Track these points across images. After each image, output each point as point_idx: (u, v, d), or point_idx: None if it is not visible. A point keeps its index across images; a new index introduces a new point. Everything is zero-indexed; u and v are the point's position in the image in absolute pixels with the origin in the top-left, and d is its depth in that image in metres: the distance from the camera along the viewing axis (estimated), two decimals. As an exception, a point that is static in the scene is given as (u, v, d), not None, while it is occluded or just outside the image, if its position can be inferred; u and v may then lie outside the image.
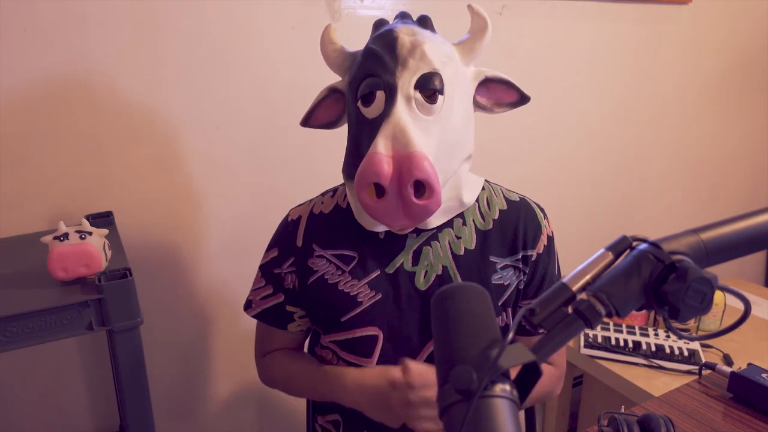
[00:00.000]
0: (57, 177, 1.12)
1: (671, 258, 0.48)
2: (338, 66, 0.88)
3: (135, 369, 0.87)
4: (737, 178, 2.28)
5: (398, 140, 0.75)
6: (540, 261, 0.93)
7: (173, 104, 1.19)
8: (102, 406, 1.28)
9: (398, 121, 0.76)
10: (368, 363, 0.90)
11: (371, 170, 0.74)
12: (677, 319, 0.48)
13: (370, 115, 0.80)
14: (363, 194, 0.76)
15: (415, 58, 0.79)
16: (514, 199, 0.95)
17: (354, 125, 0.83)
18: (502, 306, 0.92)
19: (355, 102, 0.81)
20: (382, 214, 0.77)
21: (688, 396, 1.02)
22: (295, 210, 0.96)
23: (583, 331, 0.51)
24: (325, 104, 0.89)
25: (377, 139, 0.76)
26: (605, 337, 1.56)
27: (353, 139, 0.83)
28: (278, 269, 0.94)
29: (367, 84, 0.79)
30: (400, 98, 0.77)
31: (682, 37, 1.87)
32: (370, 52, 0.81)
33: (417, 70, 0.78)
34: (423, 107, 0.78)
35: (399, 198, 0.75)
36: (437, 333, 0.49)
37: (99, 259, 0.85)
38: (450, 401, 0.43)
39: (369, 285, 0.89)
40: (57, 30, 1.05)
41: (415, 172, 0.73)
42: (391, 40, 0.80)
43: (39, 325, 0.80)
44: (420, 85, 0.78)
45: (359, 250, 0.90)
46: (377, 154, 0.74)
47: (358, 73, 0.81)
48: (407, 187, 0.74)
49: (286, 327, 0.97)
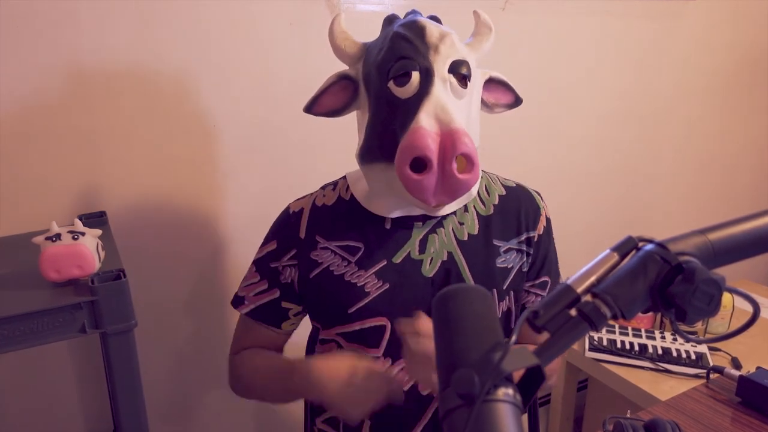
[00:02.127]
0: (49, 176, 1.12)
1: (678, 259, 0.48)
2: (349, 56, 0.89)
3: (129, 372, 0.87)
4: (744, 177, 2.28)
5: (440, 117, 0.78)
6: (541, 242, 0.99)
7: (168, 102, 1.19)
8: (95, 410, 1.28)
9: (438, 99, 0.79)
10: (375, 353, 0.91)
11: (418, 144, 0.76)
12: (684, 322, 0.48)
13: (403, 95, 0.82)
14: (405, 168, 0.78)
15: (446, 45, 0.83)
16: (511, 185, 1.01)
17: (383, 106, 0.84)
18: (506, 290, 0.95)
19: (385, 83, 0.83)
20: (424, 189, 0.79)
21: (696, 400, 1.02)
22: (296, 203, 0.97)
23: (587, 334, 0.51)
24: (332, 90, 0.90)
25: (420, 115, 0.78)
26: (610, 340, 1.56)
27: (380, 121, 0.85)
28: (276, 263, 0.95)
29: (401, 65, 0.81)
30: (437, 79, 0.81)
31: (689, 34, 1.87)
32: (401, 36, 0.83)
33: (448, 56, 0.82)
34: (456, 91, 0.83)
35: (441, 173, 0.78)
36: (438, 335, 0.49)
37: (92, 260, 0.85)
38: (451, 406, 0.43)
39: (376, 275, 0.91)
40: (50, 27, 1.05)
41: (459, 146, 0.76)
42: (420, 28, 0.84)
43: (30, 327, 0.80)
44: (452, 70, 0.82)
45: (365, 241, 0.92)
46: (422, 128, 0.77)
47: (389, 55, 0.83)
48: (451, 162, 0.76)
49: (280, 325, 0.97)
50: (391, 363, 0.92)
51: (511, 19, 1.52)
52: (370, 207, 0.91)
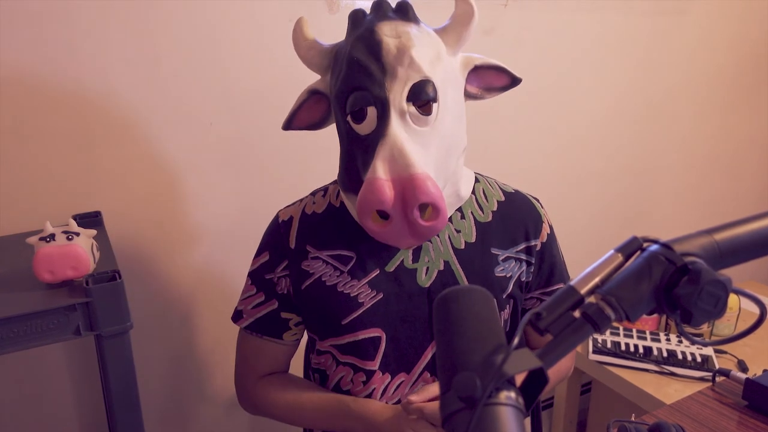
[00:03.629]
0: (43, 175, 1.12)
1: (683, 260, 0.48)
2: (316, 65, 0.86)
3: (124, 375, 0.87)
4: (748, 175, 2.27)
5: (397, 162, 0.74)
6: (545, 251, 0.96)
7: (164, 101, 1.19)
8: (90, 413, 1.28)
9: (395, 142, 0.75)
10: (370, 366, 0.90)
11: (374, 198, 0.74)
12: (690, 324, 0.48)
13: (362, 131, 0.79)
14: (367, 221, 0.77)
15: (404, 65, 0.76)
16: (510, 190, 0.98)
17: (345, 139, 0.83)
18: (505, 299, 0.93)
19: (344, 116, 0.80)
20: (389, 238, 0.79)
21: (701, 404, 1.02)
22: (284, 211, 0.95)
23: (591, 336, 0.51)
24: (307, 106, 0.88)
25: (375, 163, 0.75)
26: (615, 343, 1.56)
27: (346, 153, 0.83)
28: (270, 274, 0.93)
29: (355, 99, 0.77)
30: (393, 114, 0.76)
31: (692, 30, 1.87)
32: (354, 62, 0.78)
33: (407, 80, 0.76)
34: (418, 120, 0.77)
35: (404, 220, 0.76)
36: (439, 338, 0.48)
37: (87, 261, 0.85)
38: (453, 409, 0.43)
39: (369, 285, 0.89)
40: (43, 26, 1.05)
41: (420, 195, 0.73)
42: (375, 46, 0.77)
43: (24, 330, 0.80)
44: (412, 97, 0.77)
45: (356, 250, 0.90)
46: (378, 180, 0.74)
47: (345, 85, 0.79)
48: (413, 211, 0.75)
49: (281, 336, 0.96)
50: (390, 378, 0.91)
51: (513, 16, 1.52)
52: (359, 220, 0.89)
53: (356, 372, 0.91)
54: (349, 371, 0.92)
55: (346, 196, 0.87)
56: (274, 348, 0.97)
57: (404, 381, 0.91)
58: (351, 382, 0.92)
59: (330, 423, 0.91)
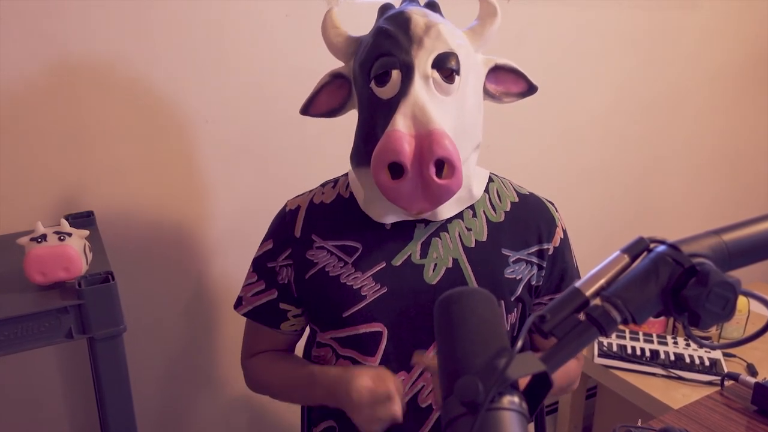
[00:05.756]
0: (34, 174, 1.12)
1: (691, 261, 0.48)
2: (342, 52, 0.89)
3: (118, 379, 0.87)
4: (755, 173, 2.27)
5: (417, 118, 0.77)
6: (557, 256, 0.96)
7: (159, 98, 1.19)
8: (82, 418, 1.28)
9: (417, 99, 0.77)
10: (370, 362, 0.90)
11: (390, 148, 0.75)
12: (698, 327, 0.48)
13: (384, 95, 0.81)
14: (381, 174, 0.77)
15: (431, 37, 0.80)
16: (525, 192, 0.99)
17: (366, 108, 0.84)
18: (514, 302, 0.93)
19: (367, 83, 0.82)
20: (401, 196, 0.78)
21: (710, 408, 1.02)
22: (293, 200, 0.97)
23: (597, 339, 0.51)
24: (327, 91, 0.90)
25: (396, 117, 0.77)
26: (621, 346, 1.56)
27: (366, 123, 0.84)
28: (272, 263, 0.95)
29: (381, 63, 0.80)
30: (417, 77, 0.79)
31: (699, 25, 1.87)
32: (383, 31, 0.82)
33: (433, 50, 0.80)
34: (441, 87, 0.80)
35: (419, 178, 0.77)
36: (441, 340, 0.49)
37: (79, 262, 0.85)
38: (455, 414, 0.43)
39: (374, 278, 0.89)
40: (35, 19, 1.05)
41: (437, 149, 0.74)
42: (404, 20, 0.82)
43: (15, 332, 0.80)
44: (437, 65, 0.80)
45: (363, 241, 0.91)
46: (396, 131, 0.76)
47: (370, 53, 0.82)
48: (429, 166, 0.75)
49: (278, 326, 0.97)
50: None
51: (517, 11, 1.52)
52: (366, 210, 0.90)
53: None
54: (348, 365, 0.92)
55: (358, 171, 0.87)
56: (273, 335, 0.99)
57: (404, 380, 0.91)
58: None
59: (303, 395, 0.94)
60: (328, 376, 0.87)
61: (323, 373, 0.89)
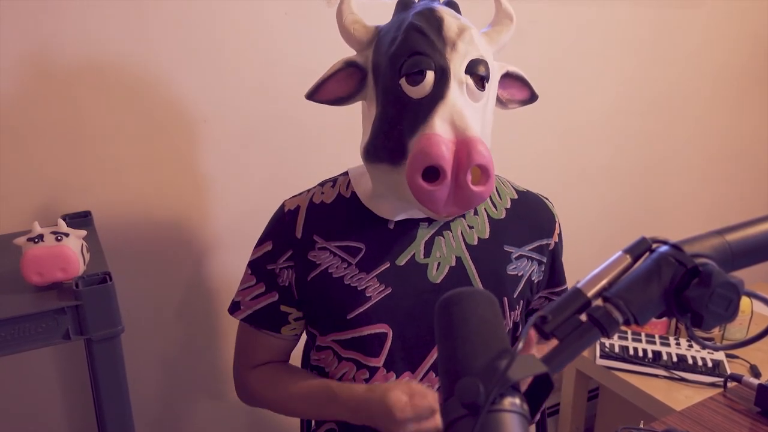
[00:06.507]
0: (31, 174, 1.12)
1: (694, 261, 0.48)
2: (357, 39, 0.87)
3: (115, 380, 0.87)
4: (759, 173, 2.27)
5: (456, 124, 0.77)
6: (556, 250, 1.00)
7: (156, 97, 1.19)
8: (79, 419, 1.28)
9: (455, 104, 0.78)
10: (374, 363, 0.90)
11: (433, 152, 0.74)
12: (700, 328, 0.48)
13: (416, 95, 0.80)
14: (417, 177, 0.76)
15: (464, 41, 0.81)
16: (522, 190, 1.01)
17: (391, 103, 0.82)
18: (516, 299, 0.94)
19: (396, 79, 0.81)
20: (436, 200, 0.78)
21: (712, 410, 1.02)
22: (291, 200, 0.95)
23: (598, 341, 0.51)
24: (338, 78, 0.88)
25: (434, 120, 0.77)
26: (623, 347, 1.56)
27: (388, 118, 0.82)
28: (272, 265, 0.93)
29: (415, 62, 0.79)
30: (453, 81, 0.79)
31: (702, 24, 1.87)
32: (416, 28, 0.81)
33: (467, 55, 0.80)
34: (473, 94, 0.81)
35: (454, 183, 0.77)
36: (441, 341, 0.48)
37: (76, 263, 0.85)
38: (455, 416, 0.43)
39: (378, 278, 0.89)
40: (30, 15, 1.05)
41: (475, 156, 0.75)
42: (437, 20, 0.81)
43: (12, 333, 0.80)
44: (469, 70, 0.80)
45: (367, 241, 0.90)
46: (437, 135, 0.76)
47: (402, 49, 0.80)
48: (466, 172, 0.75)
49: (279, 330, 0.96)
50: (395, 376, 0.91)
51: (518, 9, 1.51)
52: (373, 207, 0.90)
53: (359, 369, 0.91)
54: (351, 367, 0.92)
55: (373, 167, 0.85)
56: (272, 341, 0.97)
57: (409, 380, 0.91)
58: (353, 379, 0.92)
59: (318, 412, 0.92)
60: (353, 394, 0.86)
61: (346, 390, 0.88)
